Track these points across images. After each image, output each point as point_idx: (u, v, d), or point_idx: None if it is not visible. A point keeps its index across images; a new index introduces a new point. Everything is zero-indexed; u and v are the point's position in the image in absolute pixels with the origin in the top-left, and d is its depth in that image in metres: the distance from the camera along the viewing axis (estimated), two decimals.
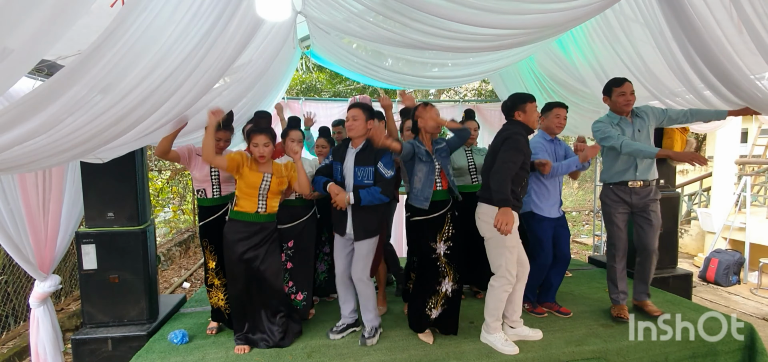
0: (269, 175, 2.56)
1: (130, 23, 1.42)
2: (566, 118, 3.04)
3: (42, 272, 2.81)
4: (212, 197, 2.83)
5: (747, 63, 2.55)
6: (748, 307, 5.06)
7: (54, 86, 1.36)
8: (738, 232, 6.63)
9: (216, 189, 2.83)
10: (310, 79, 10.06)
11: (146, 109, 1.79)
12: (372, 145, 2.63)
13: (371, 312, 2.80)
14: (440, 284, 2.72)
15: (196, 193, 2.87)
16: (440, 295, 2.73)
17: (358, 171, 2.65)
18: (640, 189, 2.91)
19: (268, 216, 2.61)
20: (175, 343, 2.79)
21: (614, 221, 2.98)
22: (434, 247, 2.71)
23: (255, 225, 2.55)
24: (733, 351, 2.78)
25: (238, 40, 2.11)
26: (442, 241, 2.71)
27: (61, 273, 4.36)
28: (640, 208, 2.94)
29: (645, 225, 2.95)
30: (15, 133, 1.44)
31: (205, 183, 2.81)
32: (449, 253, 2.72)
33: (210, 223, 2.82)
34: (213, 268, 2.86)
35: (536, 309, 3.14)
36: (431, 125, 2.69)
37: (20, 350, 3.79)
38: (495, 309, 2.62)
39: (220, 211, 2.84)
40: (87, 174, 2.91)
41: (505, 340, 2.63)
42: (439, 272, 2.72)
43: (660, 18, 2.71)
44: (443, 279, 2.72)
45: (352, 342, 2.78)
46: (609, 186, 3.01)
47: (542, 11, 2.55)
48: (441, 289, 2.72)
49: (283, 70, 4.14)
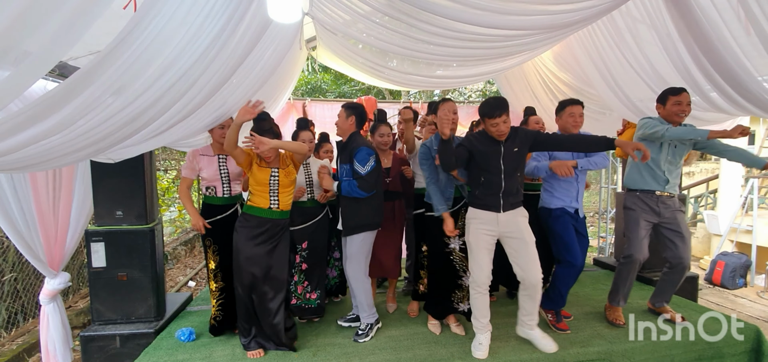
0: (277, 170, 2.56)
1: (145, 25, 1.44)
2: (582, 114, 2.92)
3: (52, 269, 2.84)
4: (222, 195, 2.80)
5: (755, 64, 2.54)
6: (755, 310, 5.03)
7: (70, 87, 1.39)
8: (745, 235, 6.58)
9: (226, 188, 2.81)
10: (315, 80, 10.10)
11: (158, 109, 1.82)
12: (350, 143, 2.73)
13: (365, 309, 2.83)
14: (461, 278, 2.77)
15: (205, 191, 2.81)
16: (464, 289, 2.77)
17: (340, 168, 2.75)
18: (667, 199, 2.84)
19: (281, 213, 2.59)
20: (182, 340, 2.82)
21: (638, 228, 2.86)
22: (448, 243, 2.76)
23: (267, 222, 2.55)
24: (739, 354, 2.77)
25: (247, 41, 2.13)
26: (456, 237, 2.74)
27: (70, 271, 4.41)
28: (670, 220, 2.84)
29: (677, 239, 2.85)
30: (30, 133, 1.47)
31: (215, 181, 2.79)
32: (465, 248, 2.73)
33: (216, 223, 2.78)
34: (213, 269, 2.82)
35: (558, 324, 2.90)
36: (442, 124, 2.67)
37: (30, 346, 3.84)
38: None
39: (229, 211, 2.82)
40: (96, 173, 2.94)
41: (543, 335, 2.64)
42: (455, 267, 2.76)
43: (667, 19, 2.70)
44: (464, 274, 2.76)
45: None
46: (635, 192, 2.91)
47: (549, 13, 2.55)
48: (464, 283, 2.77)
49: (290, 71, 4.17)
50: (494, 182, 2.46)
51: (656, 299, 3.10)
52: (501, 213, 2.47)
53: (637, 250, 2.85)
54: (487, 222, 2.49)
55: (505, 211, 2.48)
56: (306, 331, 2.97)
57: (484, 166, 2.48)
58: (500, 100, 2.44)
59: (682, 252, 2.86)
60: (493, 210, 2.48)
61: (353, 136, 2.76)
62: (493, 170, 2.46)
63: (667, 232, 2.89)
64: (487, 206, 2.49)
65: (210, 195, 2.81)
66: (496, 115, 2.39)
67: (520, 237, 2.49)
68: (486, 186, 2.48)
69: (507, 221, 2.49)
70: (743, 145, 7.55)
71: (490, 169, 2.46)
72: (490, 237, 2.51)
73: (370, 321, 2.84)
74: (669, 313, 2.98)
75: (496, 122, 2.40)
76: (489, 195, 2.48)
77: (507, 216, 2.48)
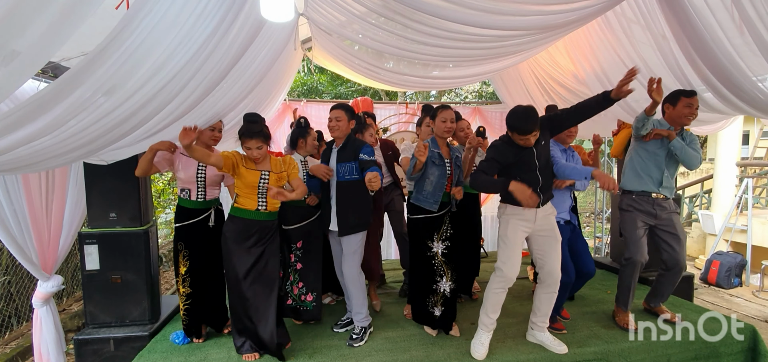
0: (267, 172, 2.51)
1: (136, 25, 1.43)
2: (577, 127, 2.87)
3: (45, 272, 2.82)
4: (196, 200, 2.72)
5: (749, 64, 2.55)
6: (751, 310, 5.05)
7: (60, 87, 1.37)
8: (739, 234, 6.62)
9: (201, 192, 2.72)
10: (311, 81, 10.08)
11: (150, 110, 1.81)
12: (352, 142, 2.73)
13: (360, 312, 2.82)
14: (437, 283, 2.77)
15: (181, 194, 2.74)
16: (439, 294, 2.77)
17: (340, 167, 2.71)
18: (663, 201, 2.84)
19: (269, 214, 2.56)
20: (177, 343, 2.79)
21: (636, 230, 2.86)
22: (430, 246, 2.76)
23: (255, 225, 2.51)
24: (735, 353, 2.77)
25: (240, 42, 2.12)
26: (439, 241, 2.76)
27: (64, 274, 4.38)
28: (665, 222, 2.84)
29: (673, 241, 2.85)
30: (21, 134, 1.45)
31: (190, 184, 2.71)
32: (447, 253, 2.76)
33: (189, 226, 2.70)
34: (182, 274, 2.74)
35: (554, 324, 2.91)
36: (440, 129, 2.68)
37: (23, 350, 3.81)
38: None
39: (202, 215, 2.74)
40: (90, 174, 2.92)
41: (554, 338, 2.64)
42: (434, 271, 2.76)
43: (661, 19, 2.71)
44: (440, 278, 2.76)
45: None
46: (631, 194, 2.91)
47: (544, 13, 2.56)
48: (439, 288, 2.77)
49: (285, 72, 4.15)
50: (532, 180, 2.40)
51: (652, 299, 3.10)
52: (538, 209, 2.46)
53: (637, 252, 2.85)
54: (526, 219, 2.47)
55: (542, 206, 2.48)
56: (302, 334, 2.95)
57: (518, 171, 2.41)
58: (530, 114, 2.30)
59: (678, 255, 2.87)
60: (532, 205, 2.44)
61: (352, 137, 2.80)
62: (529, 170, 2.42)
63: (662, 234, 2.89)
64: None
65: (184, 198, 2.74)
66: (529, 130, 2.29)
67: (551, 235, 2.50)
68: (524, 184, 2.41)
69: (543, 217, 2.49)
70: (737, 145, 7.61)
71: (527, 170, 2.42)
72: (526, 233, 2.51)
73: (364, 324, 2.84)
74: (667, 314, 2.98)
75: (527, 139, 2.33)
76: None
77: (544, 212, 2.49)
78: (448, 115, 2.67)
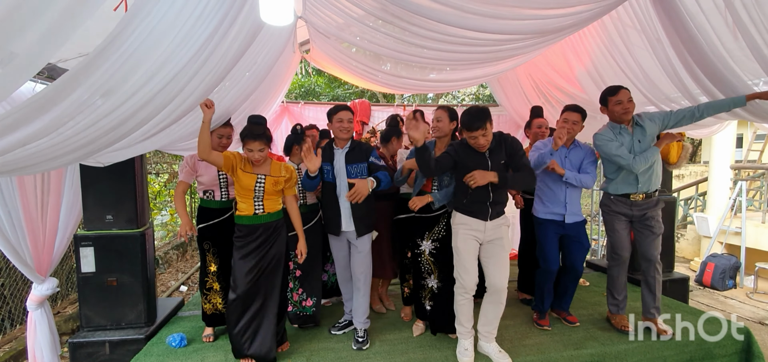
0: (263, 177, 2.49)
1: (134, 27, 1.42)
2: (576, 121, 2.90)
3: (39, 275, 2.79)
4: (221, 199, 2.83)
5: (743, 68, 2.58)
6: (745, 311, 5.09)
7: (57, 89, 1.37)
8: (734, 237, 6.68)
9: (225, 192, 2.84)
10: (309, 83, 10.09)
11: (148, 112, 1.80)
12: (360, 143, 2.79)
13: (364, 314, 2.83)
14: (425, 279, 2.86)
15: (204, 195, 2.85)
16: (427, 289, 2.87)
17: (351, 168, 2.72)
18: (641, 202, 2.84)
19: (268, 215, 2.53)
20: (173, 347, 2.78)
21: (616, 229, 2.90)
22: (419, 244, 2.85)
23: (258, 228, 2.50)
24: (729, 355, 2.80)
25: (239, 44, 2.12)
26: (429, 240, 2.82)
27: (58, 276, 4.34)
28: (641, 218, 2.86)
29: (645, 233, 2.86)
30: (17, 136, 1.44)
31: (213, 186, 2.82)
32: (435, 253, 2.82)
33: (213, 226, 2.81)
34: (214, 272, 2.84)
35: (540, 321, 3.04)
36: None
37: (17, 353, 3.77)
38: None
39: (226, 215, 2.83)
40: (86, 176, 2.90)
41: (499, 351, 2.59)
42: (423, 268, 2.85)
43: (657, 24, 2.74)
44: (428, 276, 2.85)
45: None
46: (609, 196, 2.93)
47: (541, 17, 2.58)
48: (427, 284, 2.86)
49: (283, 74, 4.15)
50: (482, 192, 2.42)
51: (644, 308, 2.99)
52: (488, 221, 2.46)
53: (619, 247, 2.92)
54: (475, 229, 2.47)
55: (492, 219, 2.48)
56: (300, 336, 2.95)
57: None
58: (480, 112, 2.31)
59: (648, 248, 2.85)
60: (480, 218, 2.46)
61: (355, 139, 2.84)
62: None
63: (638, 226, 2.90)
64: (474, 213, 2.46)
65: (208, 198, 2.84)
66: (475, 127, 2.29)
67: (499, 244, 2.50)
68: (474, 196, 2.44)
69: (493, 229, 2.49)
70: (731, 148, 7.67)
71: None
72: (477, 242, 2.51)
73: (366, 327, 2.86)
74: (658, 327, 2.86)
75: (474, 135, 2.31)
76: (476, 204, 2.46)
77: (493, 224, 2.48)
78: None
